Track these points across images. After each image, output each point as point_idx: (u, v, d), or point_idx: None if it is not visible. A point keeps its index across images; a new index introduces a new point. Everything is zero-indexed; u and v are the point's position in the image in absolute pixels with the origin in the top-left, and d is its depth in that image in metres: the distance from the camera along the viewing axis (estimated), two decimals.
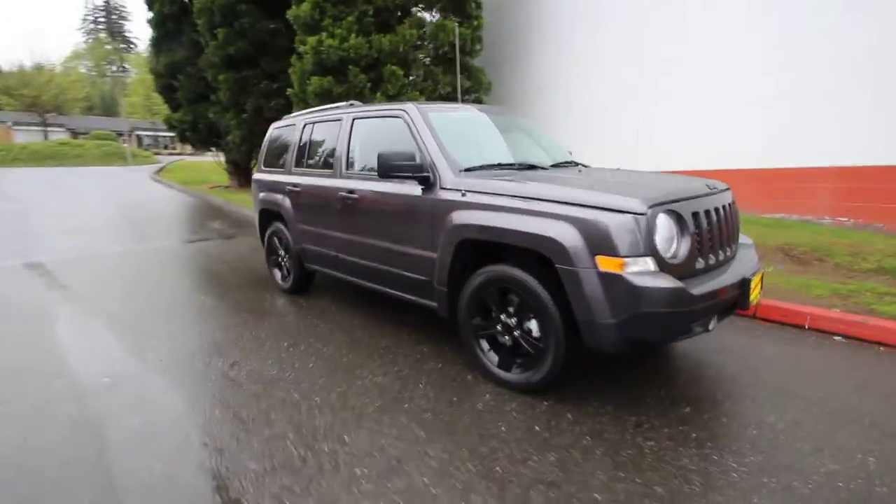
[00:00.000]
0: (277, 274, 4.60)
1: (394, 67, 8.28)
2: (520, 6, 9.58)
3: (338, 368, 2.85)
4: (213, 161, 15.49)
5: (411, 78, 8.44)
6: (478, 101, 9.36)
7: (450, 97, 9.11)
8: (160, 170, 20.21)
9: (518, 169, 2.97)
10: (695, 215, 2.24)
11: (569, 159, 3.42)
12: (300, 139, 4.12)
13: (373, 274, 3.34)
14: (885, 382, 2.62)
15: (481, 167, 2.84)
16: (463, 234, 2.57)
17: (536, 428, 2.18)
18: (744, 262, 2.57)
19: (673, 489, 1.77)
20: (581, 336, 2.19)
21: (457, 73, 7.04)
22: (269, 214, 4.56)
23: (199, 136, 13.57)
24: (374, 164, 3.20)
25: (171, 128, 14.23)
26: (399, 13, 8.91)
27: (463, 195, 2.60)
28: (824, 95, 5.49)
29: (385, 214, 3.12)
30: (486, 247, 2.62)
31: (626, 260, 2.02)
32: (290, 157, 4.19)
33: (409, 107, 3.08)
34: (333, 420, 2.28)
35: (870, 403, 2.38)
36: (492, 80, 9.44)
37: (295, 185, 4.01)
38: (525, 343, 2.43)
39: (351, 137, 3.51)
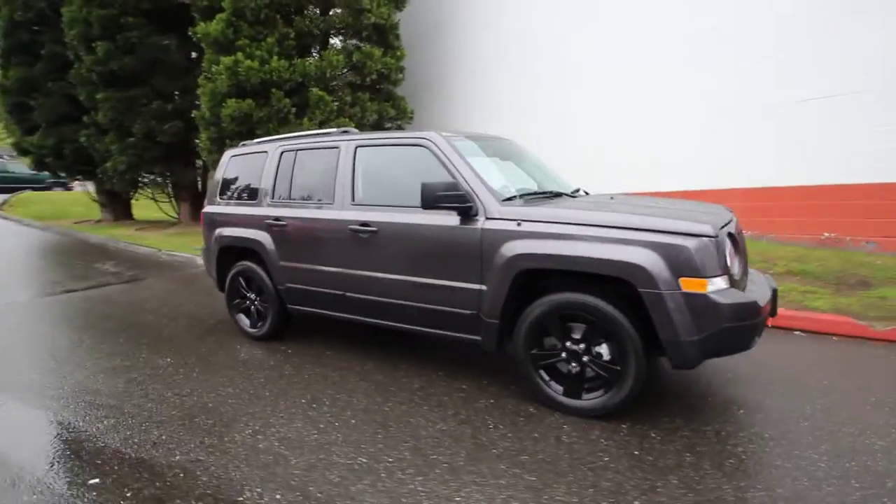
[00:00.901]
0: (245, 320, 4.03)
1: (321, 93, 7.95)
2: (435, 40, 9.90)
3: (387, 420, 2.57)
4: (76, 191, 13.15)
5: (336, 104, 8.15)
6: (400, 128, 9.39)
7: (377, 125, 9.00)
8: (3, 204, 16.54)
9: (549, 197, 3.04)
10: (739, 236, 2.51)
11: (572, 185, 3.58)
12: (277, 168, 3.72)
13: (394, 311, 3.10)
14: (859, 365, 3.16)
15: (521, 196, 2.85)
16: (524, 265, 2.53)
17: (636, 452, 2.20)
18: (755, 275, 2.93)
19: (790, 489, 1.91)
20: (664, 354, 2.29)
21: None
22: (233, 252, 4.00)
23: (64, 162, 11.44)
24: (396, 194, 3.06)
25: (23, 153, 11.75)
26: (322, 39, 8.63)
27: (518, 225, 2.57)
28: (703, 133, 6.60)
29: (416, 247, 2.93)
30: (539, 276, 2.62)
31: (708, 280, 2.17)
32: (266, 187, 3.75)
33: (433, 135, 2.98)
34: (427, 481, 2.04)
35: (866, 385, 2.84)
36: (413, 108, 9.56)
37: (277, 218, 3.58)
38: (598, 368, 2.45)
39: (355, 166, 3.27)
